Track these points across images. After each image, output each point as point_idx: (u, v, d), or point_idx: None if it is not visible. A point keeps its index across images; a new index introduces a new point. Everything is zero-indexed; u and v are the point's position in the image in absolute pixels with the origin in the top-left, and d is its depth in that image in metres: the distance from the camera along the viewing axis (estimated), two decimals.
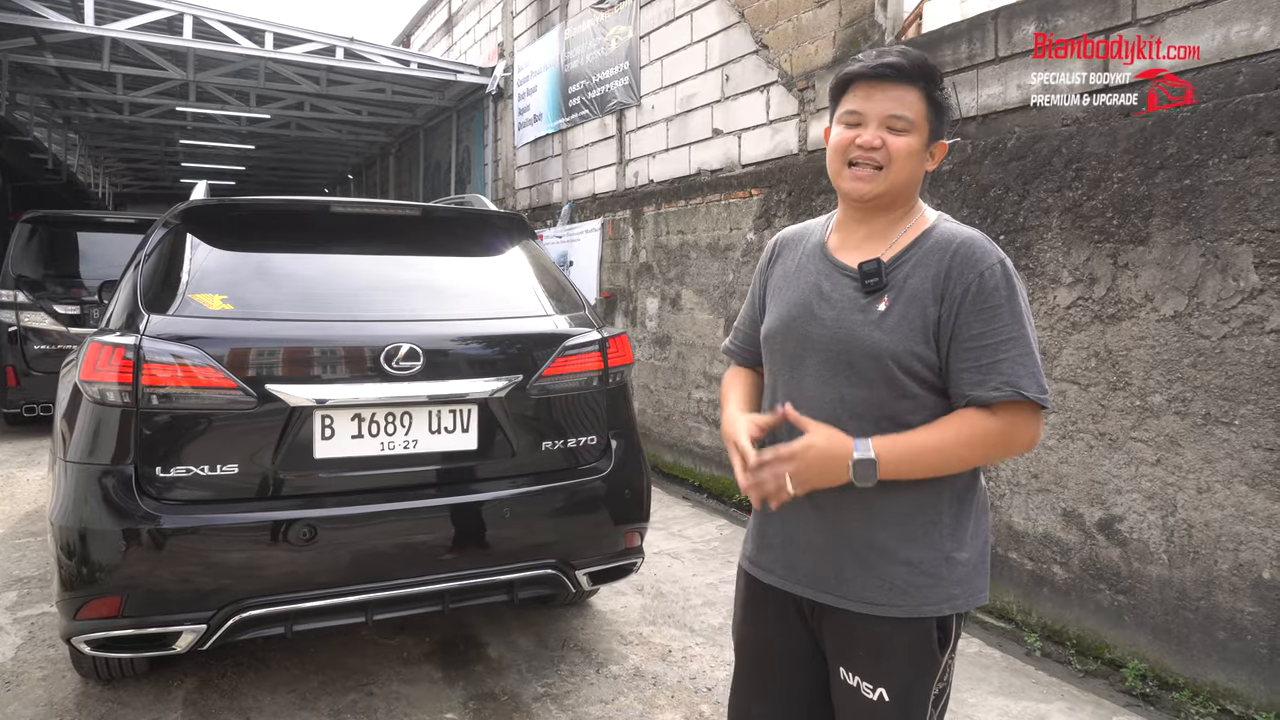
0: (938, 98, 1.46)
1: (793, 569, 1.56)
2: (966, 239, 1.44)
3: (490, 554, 2.67)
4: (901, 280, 1.44)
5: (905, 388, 1.43)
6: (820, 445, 1.38)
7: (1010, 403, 1.38)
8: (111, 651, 2.38)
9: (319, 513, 2.46)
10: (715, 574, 4.22)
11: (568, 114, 8.11)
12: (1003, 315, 1.38)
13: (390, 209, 3.10)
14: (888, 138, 1.44)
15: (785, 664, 1.62)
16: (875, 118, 1.45)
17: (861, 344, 1.44)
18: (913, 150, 1.45)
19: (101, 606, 2.30)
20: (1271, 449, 2.79)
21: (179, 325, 2.41)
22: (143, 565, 2.31)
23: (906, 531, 1.45)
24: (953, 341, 1.40)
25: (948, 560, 1.45)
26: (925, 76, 1.45)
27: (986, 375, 1.38)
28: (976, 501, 1.50)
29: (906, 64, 1.44)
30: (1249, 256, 2.84)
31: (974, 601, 1.48)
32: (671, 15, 6.39)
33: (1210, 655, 2.97)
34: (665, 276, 6.50)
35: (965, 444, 1.39)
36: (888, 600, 1.45)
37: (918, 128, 1.45)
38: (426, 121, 12.14)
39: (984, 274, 1.39)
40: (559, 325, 2.89)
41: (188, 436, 2.38)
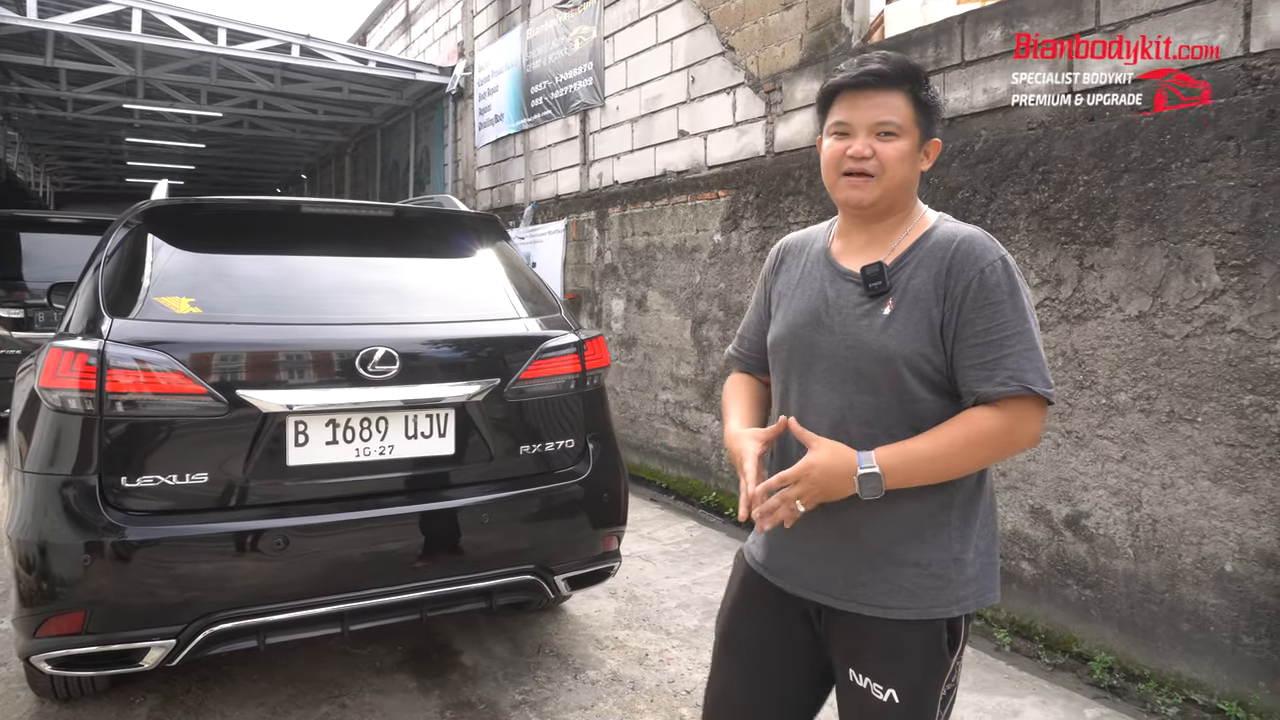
0: (924, 98, 1.47)
1: (801, 574, 1.55)
2: (966, 237, 1.44)
3: (469, 561, 2.62)
4: (904, 282, 1.45)
5: (913, 392, 1.43)
6: (824, 463, 1.38)
7: (1015, 398, 1.38)
8: (73, 670, 2.29)
9: (292, 522, 2.39)
10: (687, 576, 4.21)
11: (530, 114, 8.05)
12: (1005, 311, 1.39)
13: (361, 209, 3.03)
14: (877, 145, 1.45)
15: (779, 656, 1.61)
16: (863, 126, 1.46)
17: (868, 349, 1.44)
18: (903, 155, 1.46)
19: (63, 623, 2.21)
20: (1233, 445, 2.87)
21: (144, 329, 2.33)
22: (108, 579, 2.22)
23: (915, 534, 1.45)
24: (957, 340, 1.41)
25: (956, 562, 1.45)
26: (909, 79, 1.46)
27: (992, 371, 1.38)
28: (984, 502, 1.51)
29: (889, 69, 1.45)
30: (1211, 258, 2.91)
31: (983, 601, 1.48)
32: (636, 16, 6.38)
33: (1175, 646, 3.05)
34: (631, 278, 6.48)
35: (968, 446, 1.39)
36: (897, 603, 1.45)
37: (906, 131, 1.45)
38: (384, 121, 11.97)
39: (984, 270, 1.40)
40: (536, 328, 2.86)
41: (155, 445, 2.30)
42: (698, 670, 3.18)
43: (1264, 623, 2.81)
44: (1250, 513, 2.83)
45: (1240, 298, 2.84)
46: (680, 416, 5.97)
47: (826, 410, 1.48)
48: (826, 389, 1.49)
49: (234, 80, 9.94)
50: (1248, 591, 2.85)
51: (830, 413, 1.48)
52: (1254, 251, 2.80)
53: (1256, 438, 2.81)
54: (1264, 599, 2.80)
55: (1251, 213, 2.80)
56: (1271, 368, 2.76)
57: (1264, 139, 2.77)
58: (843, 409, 1.47)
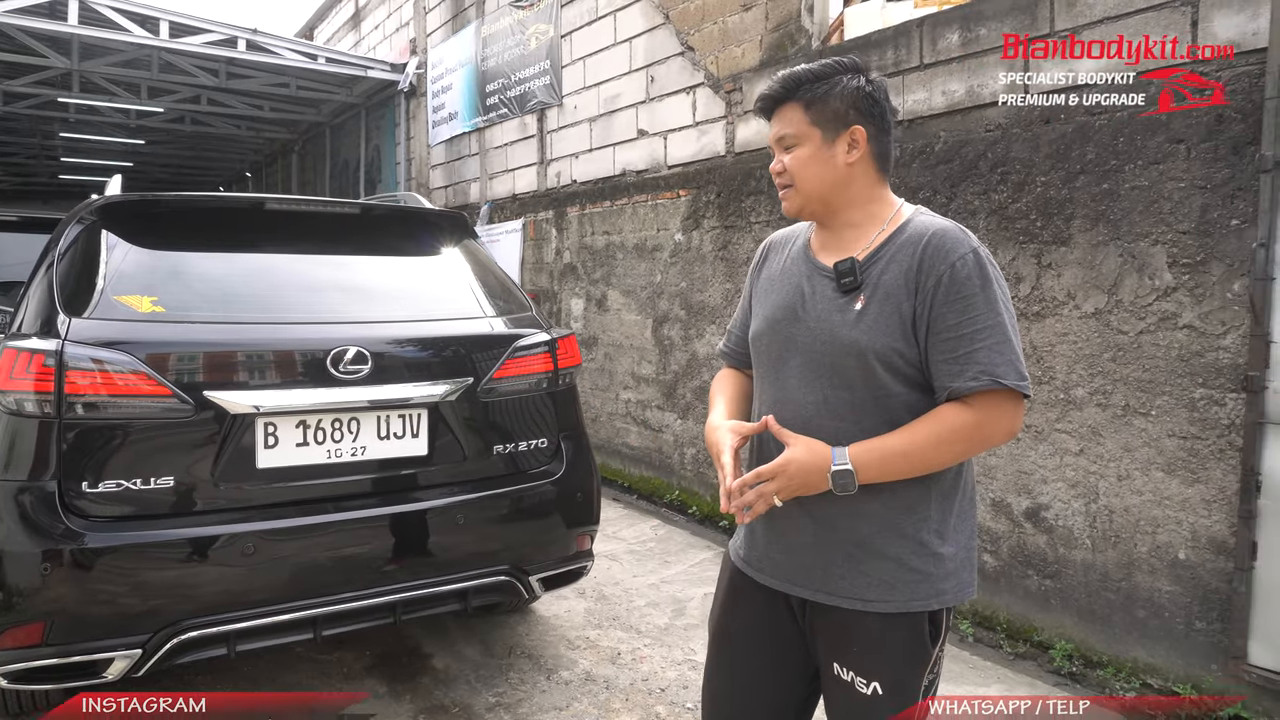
0: (811, 98, 1.49)
1: (781, 566, 1.56)
2: (938, 231, 1.45)
3: (443, 562, 2.59)
4: (876, 277, 1.46)
5: (887, 386, 1.44)
6: (799, 459, 1.40)
7: (987, 392, 1.38)
8: (31, 683, 2.20)
9: (263, 525, 2.33)
10: (655, 574, 4.22)
11: (485, 113, 7.98)
12: (976, 304, 1.39)
13: (326, 206, 2.97)
14: (784, 158, 1.52)
15: (768, 652, 1.63)
16: (774, 144, 1.55)
17: (841, 344, 1.46)
18: (804, 159, 1.50)
19: (21, 635, 2.12)
20: (1185, 437, 2.98)
21: (105, 329, 2.25)
22: (69, 588, 2.14)
23: (893, 528, 1.47)
24: (929, 334, 1.41)
25: (935, 556, 1.47)
26: (791, 89, 1.51)
27: (963, 366, 1.39)
28: (962, 497, 1.52)
29: (770, 91, 1.53)
30: (1163, 257, 3.02)
31: (962, 595, 1.50)
32: (594, 15, 6.36)
33: (1131, 633, 3.15)
34: (590, 277, 6.46)
35: (939, 442, 1.40)
36: (877, 596, 1.47)
37: (804, 136, 1.50)
38: (333, 118, 11.74)
39: (955, 264, 1.40)
40: (507, 326, 2.83)
41: (118, 448, 2.22)
42: (670, 668, 3.18)
43: (1215, 607, 2.92)
44: (1202, 502, 2.94)
45: (1191, 295, 2.95)
46: (642, 416, 5.97)
47: (802, 404, 1.50)
48: (802, 383, 1.51)
49: (176, 75, 9.63)
50: (1200, 578, 2.95)
51: (805, 407, 1.49)
52: (1203, 250, 2.91)
53: (1207, 430, 2.92)
54: (1215, 585, 2.91)
55: (1201, 213, 2.91)
56: (1221, 362, 2.87)
57: (1212, 142, 2.88)
58: (817, 403, 1.48)
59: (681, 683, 3.07)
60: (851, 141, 1.49)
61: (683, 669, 3.18)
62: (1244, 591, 2.79)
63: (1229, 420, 2.86)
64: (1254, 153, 2.76)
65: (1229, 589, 2.86)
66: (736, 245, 5.01)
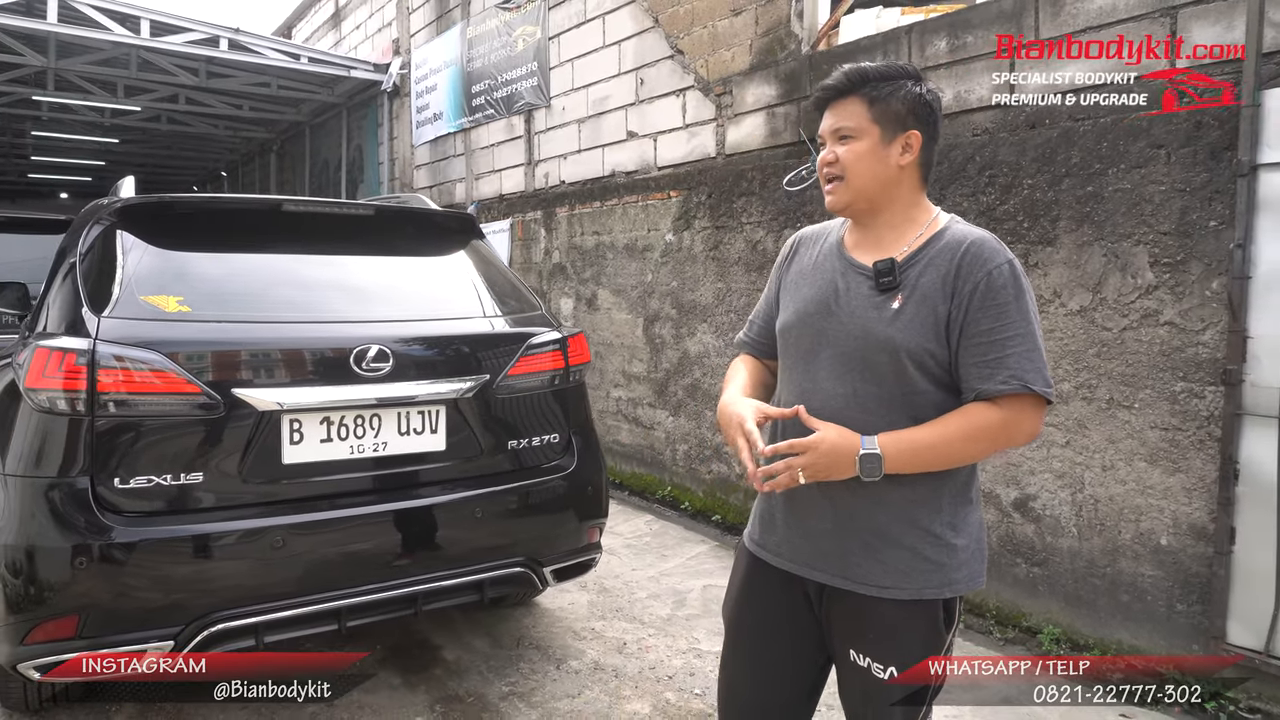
0: (875, 96, 1.55)
1: (800, 551, 1.63)
2: (976, 239, 1.53)
3: (461, 555, 2.66)
4: (914, 279, 1.53)
5: (916, 383, 1.52)
6: (831, 439, 1.46)
7: (1015, 396, 1.46)
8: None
9: (288, 520, 2.39)
10: (653, 568, 4.31)
11: (471, 113, 8.02)
12: (1010, 312, 1.47)
13: (340, 208, 3.03)
14: (838, 150, 1.57)
15: (785, 641, 1.70)
16: (829, 135, 1.59)
17: (876, 340, 1.53)
18: (860, 155, 1.55)
19: (55, 628, 2.16)
20: (1166, 429, 3.12)
21: (134, 328, 2.29)
22: (102, 582, 2.18)
23: (909, 518, 1.54)
24: (962, 337, 1.49)
25: (948, 547, 1.55)
26: (858, 83, 1.56)
27: (994, 370, 1.46)
28: (974, 492, 1.61)
29: (836, 82, 1.58)
30: (1145, 256, 3.16)
31: (973, 585, 1.58)
32: (583, 18, 6.44)
33: (1116, 616, 3.29)
34: (580, 277, 6.54)
35: (968, 438, 1.48)
36: (893, 583, 1.54)
37: (863, 132, 1.55)
38: (313, 118, 11.69)
39: (992, 273, 1.48)
40: (520, 325, 2.91)
41: (148, 445, 2.27)
42: (676, 656, 3.27)
43: (1195, 591, 3.06)
44: (1183, 490, 3.09)
45: (1172, 293, 3.09)
46: (633, 413, 6.06)
47: (831, 395, 1.57)
48: (832, 375, 1.57)
49: (155, 74, 9.56)
50: (1181, 563, 3.10)
51: (835, 398, 1.56)
52: (1184, 250, 3.06)
53: (1188, 421, 3.07)
54: (1196, 569, 3.06)
55: (1181, 215, 3.06)
56: (1200, 357, 3.02)
57: (1191, 147, 3.03)
58: (846, 395, 1.55)
59: (688, 670, 3.16)
60: (906, 145, 1.55)
61: (688, 657, 3.27)
62: (1223, 575, 2.94)
63: (1208, 412, 3.01)
64: (1231, 158, 2.90)
65: (1209, 573, 3.00)
66: (728, 245, 5.12)
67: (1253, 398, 2.86)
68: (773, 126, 4.90)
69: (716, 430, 5.28)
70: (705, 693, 3.00)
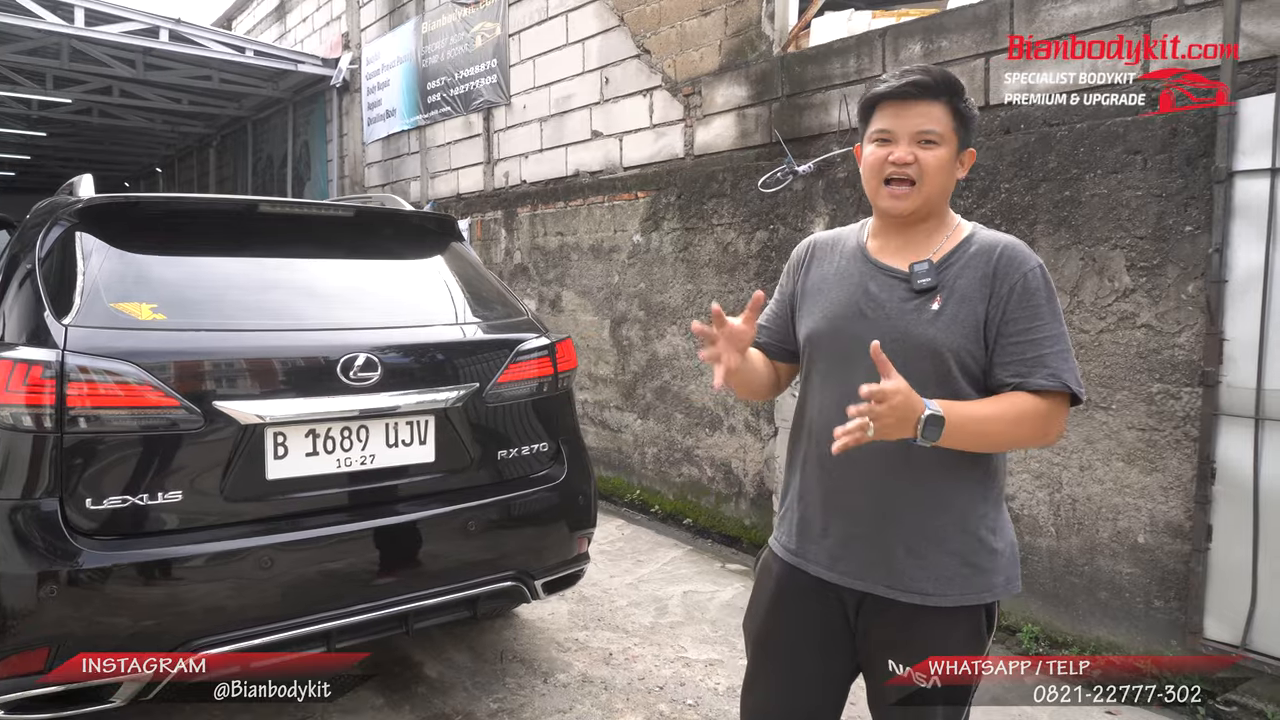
0: (962, 108, 1.55)
1: (839, 560, 1.60)
2: (1009, 243, 1.54)
3: (453, 570, 2.57)
4: (952, 280, 1.53)
5: (957, 384, 1.51)
6: (905, 388, 1.37)
7: (1052, 394, 1.47)
8: (32, 713, 2.08)
9: (273, 539, 2.27)
10: (630, 574, 4.25)
11: (426, 110, 7.85)
12: (1044, 313, 1.49)
13: (319, 209, 2.89)
14: (919, 153, 1.52)
15: (816, 655, 1.66)
16: (906, 135, 1.53)
17: (917, 341, 1.51)
18: (943, 163, 1.54)
19: (23, 662, 2.01)
20: (1143, 429, 3.19)
21: (105, 338, 2.15)
22: (75, 610, 2.04)
23: (953, 522, 1.53)
24: (999, 336, 1.49)
25: (991, 552, 1.54)
26: (950, 90, 1.54)
27: (1033, 368, 1.47)
28: (1004, 495, 1.61)
29: (931, 81, 1.53)
30: (1121, 260, 3.22)
31: (1011, 589, 1.57)
32: (545, 15, 6.34)
33: (1094, 613, 3.35)
34: (544, 278, 6.44)
35: (1016, 421, 1.46)
36: (936, 590, 1.52)
37: (947, 140, 1.53)
38: (256, 113, 11.33)
39: (1027, 275, 1.49)
40: (508, 330, 2.82)
41: (122, 463, 2.12)
42: (664, 666, 3.22)
43: (1173, 587, 3.13)
44: (1159, 489, 3.15)
45: (1149, 296, 3.15)
46: (600, 416, 5.99)
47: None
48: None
49: (88, 64, 9.14)
50: (1158, 560, 3.16)
51: None
52: (1160, 254, 3.12)
53: (1164, 422, 3.13)
54: (1172, 566, 3.12)
55: (1157, 220, 3.12)
56: (1176, 359, 3.08)
57: (1167, 154, 3.09)
58: None
59: (678, 680, 3.12)
60: (963, 160, 1.58)
61: (677, 666, 3.22)
62: (1200, 571, 3.01)
63: (1184, 412, 3.07)
64: (1206, 164, 2.97)
65: (1186, 569, 3.07)
66: (698, 247, 5.08)
67: (1229, 398, 2.93)
68: (743, 127, 4.88)
69: (687, 433, 5.25)
70: (698, 703, 2.96)
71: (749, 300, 1.53)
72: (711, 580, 4.15)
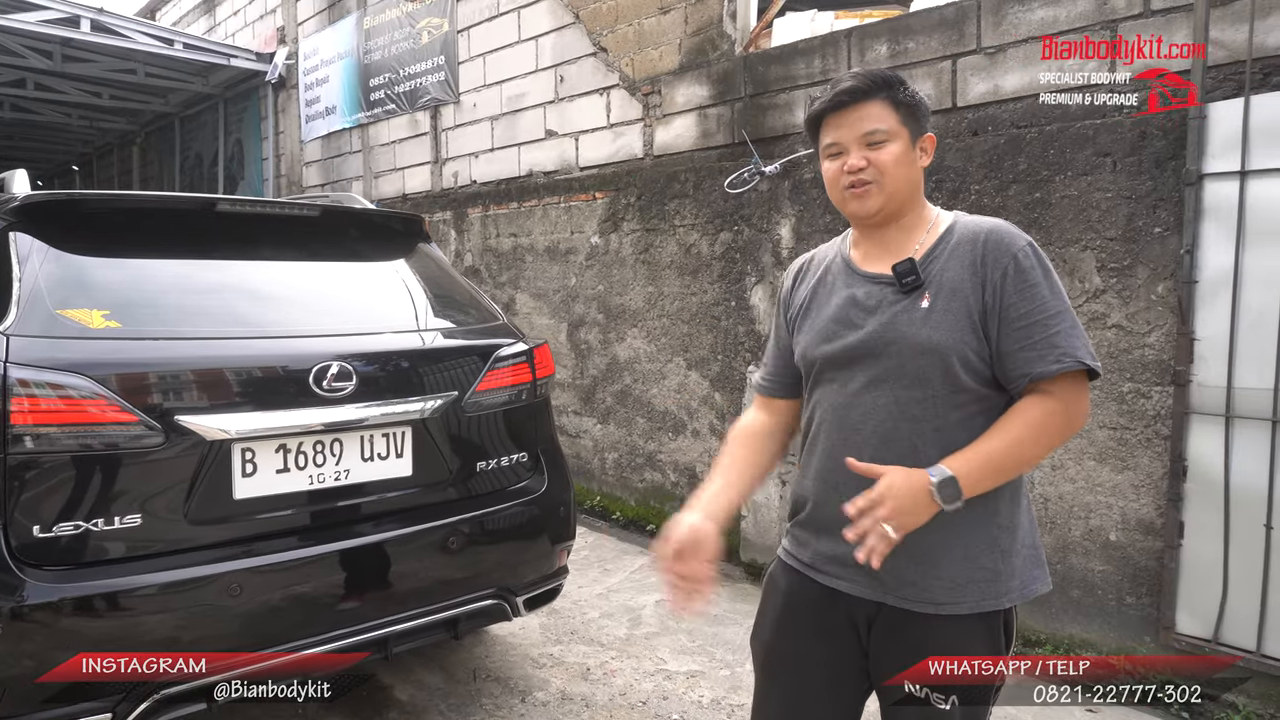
0: (902, 98, 1.52)
1: (849, 571, 1.53)
2: (993, 227, 1.49)
3: (433, 589, 2.43)
4: (938, 275, 1.48)
5: (960, 381, 1.45)
6: (899, 479, 1.38)
7: (1066, 375, 1.41)
8: None
9: (241, 564, 2.10)
10: (599, 584, 4.15)
11: (369, 108, 7.60)
12: (1043, 292, 1.43)
13: (282, 209, 2.71)
14: (870, 155, 1.50)
15: (827, 672, 1.60)
16: (853, 141, 1.52)
17: (911, 343, 1.46)
18: (898, 157, 1.50)
19: None
20: (1115, 428, 3.22)
21: (52, 348, 1.95)
22: (21, 648, 1.84)
23: (966, 527, 1.46)
24: (1001, 325, 1.43)
25: (1004, 554, 1.48)
26: (884, 87, 1.51)
27: (1044, 351, 1.41)
28: (1025, 495, 1.55)
29: (861, 85, 1.51)
30: (1092, 261, 3.25)
31: (1029, 592, 1.51)
32: (495, 11, 6.19)
33: (1067, 611, 3.38)
34: (496, 280, 6.29)
35: (1037, 433, 1.41)
36: (949, 598, 1.46)
37: (896, 135, 1.50)
38: (184, 109, 10.83)
39: (1017, 255, 1.44)
40: (485, 336, 2.69)
41: (74, 485, 1.94)
42: (644, 680, 3.13)
43: (1145, 583, 3.17)
44: (1131, 487, 3.19)
45: (1119, 297, 3.19)
46: (557, 421, 5.86)
47: (872, 409, 1.49)
48: (870, 389, 1.50)
49: None
50: (1130, 557, 3.20)
51: (877, 411, 1.49)
52: (1130, 255, 3.16)
53: (1135, 420, 3.17)
54: (1144, 563, 3.17)
55: (1127, 221, 3.16)
56: (1147, 358, 3.13)
57: (1136, 156, 3.13)
58: (889, 406, 1.48)
59: (660, 694, 3.03)
60: (923, 147, 1.55)
61: (657, 679, 3.14)
62: (1173, 568, 3.05)
63: (1155, 411, 3.12)
64: (1175, 166, 3.02)
65: (1158, 566, 3.11)
66: (659, 248, 5.01)
67: (1199, 397, 2.98)
68: (705, 128, 4.82)
69: (649, 437, 5.17)
70: (684, 717, 2.87)
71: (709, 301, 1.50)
72: None
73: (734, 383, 4.59)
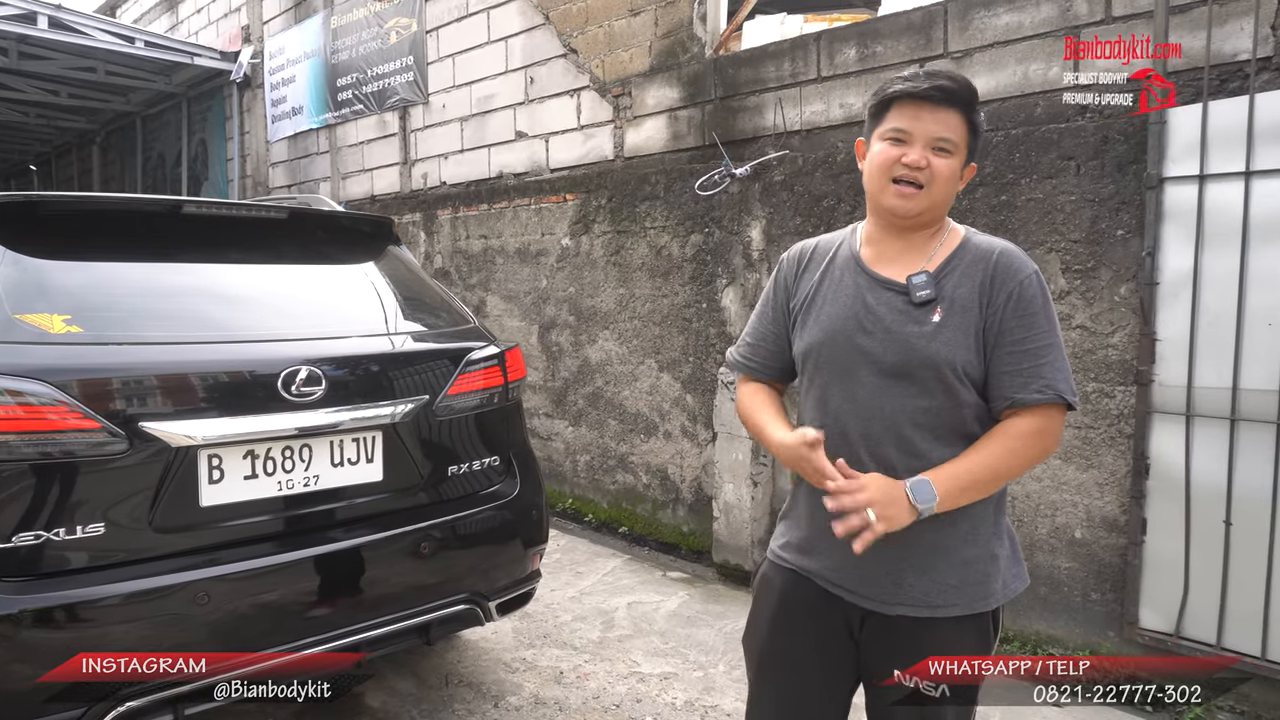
0: (977, 122, 1.53)
1: (846, 575, 1.56)
2: (1004, 250, 1.53)
3: (405, 595, 2.40)
4: (950, 291, 1.51)
5: (960, 394, 1.49)
6: (875, 477, 1.44)
7: (1047, 405, 1.48)
8: None
9: (209, 572, 2.06)
10: (571, 587, 4.13)
11: (337, 109, 7.52)
12: (1040, 321, 1.48)
13: (248, 211, 2.67)
14: (932, 159, 1.49)
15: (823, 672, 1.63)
16: (922, 138, 1.50)
17: (920, 355, 1.49)
18: (954, 172, 1.52)
19: None
20: (1079, 427, 3.28)
21: (11, 354, 1.90)
22: None
23: (961, 532, 1.51)
24: (996, 345, 1.48)
25: (993, 556, 1.54)
26: (969, 101, 1.52)
27: (1029, 379, 1.47)
28: (1005, 499, 1.60)
29: (955, 88, 1.50)
30: (1057, 263, 3.30)
31: (1014, 590, 1.57)
32: (465, 11, 6.15)
33: (1034, 608, 3.43)
34: (466, 283, 6.25)
35: (1014, 455, 1.48)
36: (944, 600, 1.51)
37: (959, 151, 1.51)
38: (145, 108, 10.63)
39: (1023, 282, 1.49)
40: (456, 339, 2.67)
41: (34, 494, 1.88)
42: (618, 683, 3.13)
43: (1109, 580, 3.23)
44: (1095, 485, 3.25)
45: (1083, 298, 3.25)
46: (529, 424, 5.83)
47: (875, 414, 1.52)
48: (874, 393, 1.52)
49: None
50: (1094, 554, 3.26)
51: (879, 417, 1.51)
52: (1094, 258, 3.22)
53: (1099, 420, 3.23)
54: (1109, 560, 3.22)
55: (1091, 224, 3.21)
56: (1110, 359, 3.18)
57: (1099, 160, 3.19)
58: (893, 411, 1.51)
59: (634, 696, 3.03)
60: (963, 175, 1.56)
61: (631, 682, 3.13)
62: (1136, 564, 3.11)
63: (1118, 411, 3.18)
64: (1137, 170, 3.07)
65: (1122, 562, 3.17)
66: (630, 250, 5.01)
67: (1161, 396, 3.04)
68: (675, 130, 4.83)
69: (621, 439, 5.17)
70: (657, 718, 2.87)
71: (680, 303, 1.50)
72: (655, 590, 4.08)
73: (706, 384, 4.61)
